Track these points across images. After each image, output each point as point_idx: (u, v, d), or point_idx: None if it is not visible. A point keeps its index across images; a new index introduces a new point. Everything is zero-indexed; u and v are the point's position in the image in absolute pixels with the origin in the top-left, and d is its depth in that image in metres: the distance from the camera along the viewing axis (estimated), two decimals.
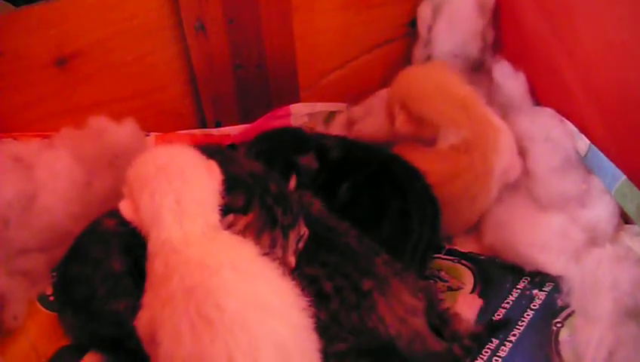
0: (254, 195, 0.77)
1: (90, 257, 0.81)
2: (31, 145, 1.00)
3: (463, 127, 0.98)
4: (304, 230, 0.81)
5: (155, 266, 0.70)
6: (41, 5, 0.97)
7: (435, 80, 1.03)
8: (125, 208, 0.74)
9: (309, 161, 0.97)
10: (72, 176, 0.96)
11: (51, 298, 0.91)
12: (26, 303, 0.89)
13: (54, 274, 0.92)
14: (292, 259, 0.79)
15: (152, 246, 0.72)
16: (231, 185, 0.76)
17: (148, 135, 1.11)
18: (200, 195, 0.73)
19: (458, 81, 1.03)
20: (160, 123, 1.14)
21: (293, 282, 0.70)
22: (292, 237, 0.79)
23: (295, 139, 1.01)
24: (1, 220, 0.89)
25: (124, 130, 1.03)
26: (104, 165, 0.98)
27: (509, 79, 1.12)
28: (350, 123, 1.21)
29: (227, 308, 0.63)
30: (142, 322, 0.68)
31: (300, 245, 0.81)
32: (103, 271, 0.80)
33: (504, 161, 0.98)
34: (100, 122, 1.02)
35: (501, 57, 1.17)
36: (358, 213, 0.88)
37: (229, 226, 0.75)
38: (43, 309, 0.90)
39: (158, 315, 0.66)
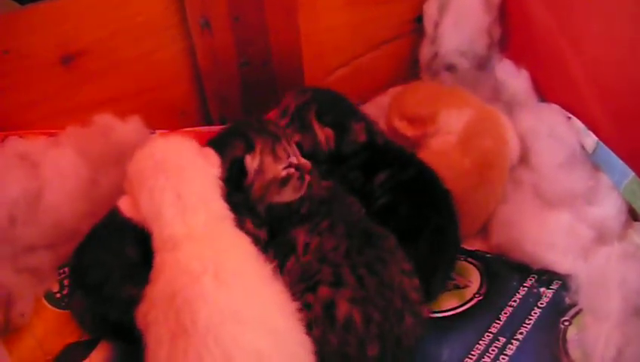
0: (247, 131, 0.83)
1: (107, 243, 0.83)
2: (37, 143, 1.00)
3: (463, 107, 1.01)
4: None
5: (156, 262, 0.70)
6: (47, 3, 0.97)
7: (424, 86, 1.16)
8: (125, 205, 0.74)
9: (359, 129, 0.95)
10: (78, 173, 0.96)
11: (58, 295, 0.92)
12: (32, 300, 0.89)
13: (61, 269, 0.93)
14: (305, 161, 0.86)
15: (155, 242, 0.72)
16: (222, 141, 0.82)
17: (153, 132, 1.11)
18: (199, 187, 0.73)
19: (444, 86, 1.12)
20: (165, 120, 1.13)
21: (282, 287, 0.70)
22: (292, 144, 0.87)
23: (350, 104, 1.01)
24: (8, 218, 0.89)
25: (130, 128, 1.03)
26: (110, 163, 0.98)
27: (513, 77, 1.12)
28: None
29: (201, 319, 0.62)
30: (140, 314, 0.68)
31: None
32: (118, 257, 0.81)
33: (515, 147, 1.01)
34: (105, 120, 1.03)
35: (507, 54, 1.17)
36: (395, 222, 0.85)
37: (252, 166, 0.81)
38: (50, 306, 0.90)
39: (148, 315, 0.66)
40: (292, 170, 0.85)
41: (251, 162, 0.82)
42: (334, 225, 0.82)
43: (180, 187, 0.72)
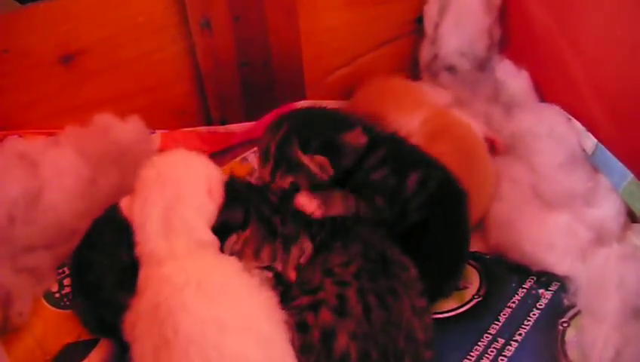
0: (250, 206, 0.76)
1: (102, 244, 0.82)
2: (36, 143, 1.00)
3: (415, 109, 1.01)
4: (307, 244, 0.79)
5: (141, 276, 0.70)
6: (47, 3, 0.97)
7: (379, 85, 1.13)
8: (125, 204, 0.74)
9: (354, 136, 0.86)
10: (78, 173, 0.96)
11: (57, 295, 0.92)
12: (31, 300, 0.89)
13: (60, 269, 0.93)
14: (293, 274, 0.77)
15: (139, 252, 0.72)
16: (229, 198, 0.76)
17: (153, 133, 1.11)
18: (188, 212, 0.72)
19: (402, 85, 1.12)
20: (165, 120, 1.14)
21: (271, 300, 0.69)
22: (294, 251, 0.77)
23: (334, 115, 0.92)
24: (7, 217, 0.89)
25: (130, 128, 1.03)
26: (109, 163, 0.98)
27: (513, 77, 1.12)
28: None
29: (182, 329, 0.62)
30: (127, 327, 0.68)
31: (302, 260, 0.79)
32: (113, 261, 0.80)
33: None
34: (105, 120, 1.03)
35: (507, 55, 1.17)
36: (425, 244, 0.84)
37: (232, 249, 0.74)
38: (49, 306, 0.90)
39: (134, 329, 0.66)
40: (268, 273, 0.77)
41: (234, 243, 0.76)
42: (349, 242, 0.79)
43: (171, 207, 0.72)
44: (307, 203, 0.82)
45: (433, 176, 0.87)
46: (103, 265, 0.81)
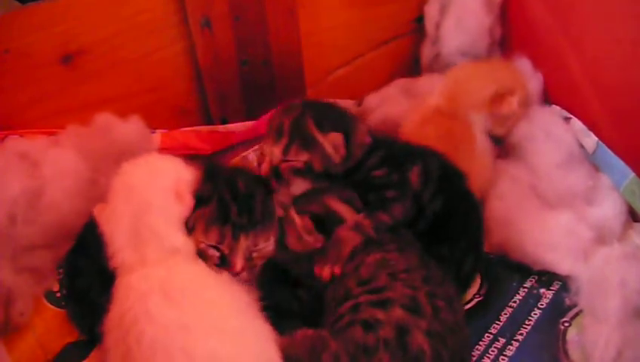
0: (216, 188, 0.77)
1: (90, 249, 0.81)
2: (37, 143, 1.00)
3: None
4: (267, 245, 0.78)
5: (115, 284, 0.70)
6: (47, 3, 0.98)
7: None
8: (99, 212, 0.74)
9: (364, 132, 0.88)
10: (78, 173, 0.96)
11: (58, 294, 0.92)
12: (32, 299, 0.89)
13: (61, 269, 0.93)
14: (238, 262, 0.75)
15: (111, 260, 0.71)
16: (208, 175, 0.78)
17: (154, 132, 1.11)
18: (156, 220, 0.71)
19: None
20: (165, 119, 1.14)
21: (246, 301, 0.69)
22: (242, 240, 0.76)
23: (344, 109, 0.94)
24: (8, 217, 0.89)
25: (130, 127, 1.03)
26: (110, 162, 0.98)
27: None
28: (364, 114, 1.19)
29: (146, 338, 0.62)
30: (103, 334, 0.68)
31: (258, 261, 0.78)
32: (100, 266, 0.78)
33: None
34: (105, 119, 1.03)
35: (508, 54, 1.16)
36: (450, 230, 0.85)
37: (187, 223, 0.74)
38: (49, 306, 0.90)
39: (105, 340, 0.66)
40: (214, 251, 0.76)
41: (193, 218, 0.76)
42: (403, 249, 0.79)
43: (138, 217, 0.71)
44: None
45: (432, 164, 0.88)
46: (90, 270, 0.81)
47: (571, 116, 1.03)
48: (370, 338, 0.69)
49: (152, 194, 0.73)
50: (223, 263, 0.75)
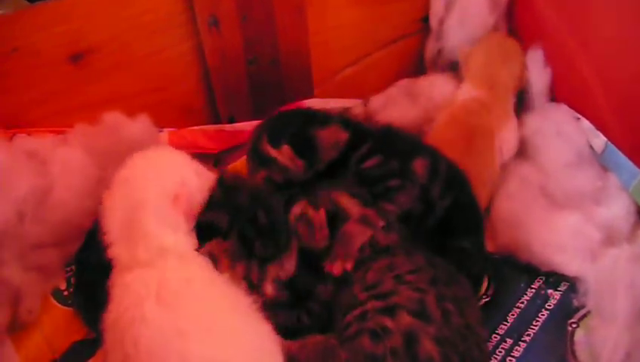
0: (236, 222, 0.75)
1: (97, 245, 0.80)
2: (45, 141, 1.00)
3: None
4: (291, 266, 0.78)
5: (110, 280, 0.69)
6: (56, 2, 0.97)
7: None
8: (104, 199, 0.73)
9: (331, 132, 0.87)
10: (86, 171, 0.96)
11: (65, 293, 0.92)
12: (40, 298, 0.89)
13: (69, 267, 0.93)
14: (268, 289, 0.76)
15: (109, 255, 0.71)
16: (223, 197, 0.76)
17: (161, 131, 1.11)
18: (147, 219, 0.70)
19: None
20: (173, 118, 1.14)
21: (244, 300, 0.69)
22: (270, 270, 0.76)
23: (308, 114, 0.94)
24: (16, 215, 0.89)
25: (138, 126, 1.03)
26: (118, 161, 0.97)
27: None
28: (369, 115, 1.19)
29: (142, 343, 0.61)
30: (103, 327, 0.67)
31: (284, 278, 0.78)
32: (105, 262, 0.79)
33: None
34: (113, 118, 1.03)
35: None
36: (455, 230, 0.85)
37: (210, 253, 0.73)
38: (57, 304, 0.91)
39: (105, 338, 0.66)
40: (243, 281, 0.75)
41: (213, 248, 0.75)
42: (411, 252, 0.79)
43: (131, 213, 0.70)
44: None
45: (440, 161, 0.87)
46: (97, 266, 0.79)
47: (580, 116, 1.02)
48: (379, 348, 0.68)
49: (149, 191, 0.72)
50: (253, 288, 0.75)
